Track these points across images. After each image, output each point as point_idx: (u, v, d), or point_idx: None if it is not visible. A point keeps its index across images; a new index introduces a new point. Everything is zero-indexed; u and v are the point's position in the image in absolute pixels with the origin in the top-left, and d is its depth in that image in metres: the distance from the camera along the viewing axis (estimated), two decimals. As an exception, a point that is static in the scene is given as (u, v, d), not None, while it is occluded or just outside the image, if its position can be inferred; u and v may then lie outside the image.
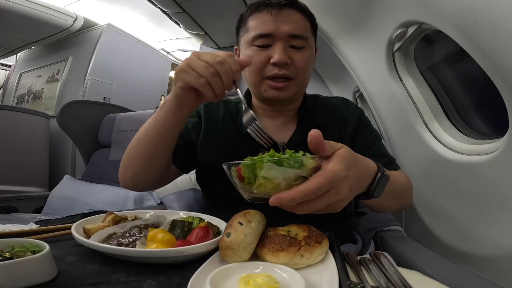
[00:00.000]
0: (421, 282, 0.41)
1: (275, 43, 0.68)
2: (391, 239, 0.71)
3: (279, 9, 0.67)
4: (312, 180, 0.37)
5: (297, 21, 0.69)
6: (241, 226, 0.42)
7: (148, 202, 1.45)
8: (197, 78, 0.51)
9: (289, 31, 0.67)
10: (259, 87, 0.72)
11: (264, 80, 0.70)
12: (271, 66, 0.68)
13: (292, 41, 0.68)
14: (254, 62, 0.69)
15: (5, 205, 1.52)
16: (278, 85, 0.69)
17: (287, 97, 0.71)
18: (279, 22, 0.67)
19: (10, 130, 2.04)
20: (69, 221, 0.64)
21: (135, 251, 0.41)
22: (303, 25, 0.70)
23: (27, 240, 0.39)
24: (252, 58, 0.69)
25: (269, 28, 0.67)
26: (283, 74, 0.68)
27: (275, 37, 0.68)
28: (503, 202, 0.66)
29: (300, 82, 0.72)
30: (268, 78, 0.69)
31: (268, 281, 0.33)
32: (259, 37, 0.68)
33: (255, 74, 0.71)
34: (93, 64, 2.65)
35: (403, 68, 0.95)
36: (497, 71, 0.55)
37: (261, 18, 0.69)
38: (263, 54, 0.68)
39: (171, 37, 3.37)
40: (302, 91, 0.77)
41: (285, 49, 0.68)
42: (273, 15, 0.67)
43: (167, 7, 1.96)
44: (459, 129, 0.86)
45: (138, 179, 0.68)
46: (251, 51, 0.70)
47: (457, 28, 0.59)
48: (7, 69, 3.57)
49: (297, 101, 0.79)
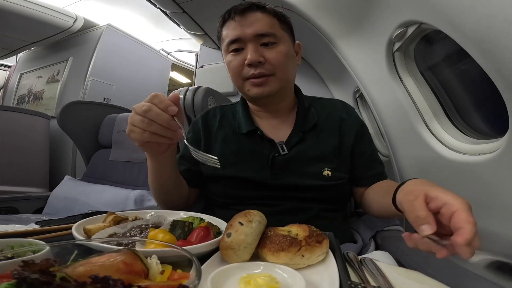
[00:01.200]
0: (422, 282, 0.41)
1: (246, 45, 0.72)
2: (391, 239, 0.71)
3: (242, 14, 0.72)
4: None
5: (261, 20, 0.72)
6: (241, 226, 0.42)
7: (149, 203, 1.45)
8: (141, 134, 0.54)
9: (254, 32, 0.71)
10: (243, 89, 0.76)
11: (245, 81, 0.74)
12: (247, 68, 0.72)
13: (262, 40, 0.71)
14: (232, 66, 0.74)
15: (6, 205, 1.52)
16: (257, 81, 0.72)
17: (270, 92, 0.73)
18: (243, 26, 0.71)
19: (10, 130, 2.05)
20: (70, 221, 0.64)
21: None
22: (269, 23, 0.72)
23: (28, 240, 0.40)
24: (230, 64, 0.74)
25: (236, 33, 0.72)
26: (259, 73, 0.71)
27: (244, 40, 0.72)
28: (504, 201, 0.66)
29: (280, 77, 0.73)
30: (248, 78, 0.73)
31: (268, 281, 0.34)
32: (231, 43, 0.73)
33: (236, 77, 0.75)
34: (94, 65, 2.66)
35: (403, 68, 0.95)
36: (497, 71, 0.55)
37: (229, 26, 0.74)
38: (238, 58, 0.73)
39: (171, 38, 3.37)
40: (287, 86, 0.78)
41: (256, 49, 0.71)
42: (237, 21, 0.72)
43: (167, 7, 1.96)
44: (459, 129, 0.86)
45: (168, 205, 0.76)
46: (229, 57, 0.75)
47: (456, 27, 0.59)
48: (7, 70, 3.57)
49: (287, 98, 0.80)
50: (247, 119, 0.79)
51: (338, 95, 2.06)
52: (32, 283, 0.21)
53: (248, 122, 0.78)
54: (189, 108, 1.41)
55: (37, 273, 0.22)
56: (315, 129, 0.77)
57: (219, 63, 2.62)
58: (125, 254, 0.28)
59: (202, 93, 1.41)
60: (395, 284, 0.39)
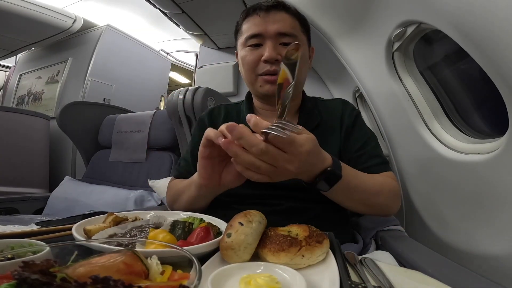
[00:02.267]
0: (422, 281, 0.41)
1: (265, 42, 0.72)
2: (392, 239, 0.71)
3: (267, 11, 0.73)
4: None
5: (285, 20, 0.73)
6: (241, 226, 0.42)
7: (149, 203, 1.45)
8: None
9: (277, 30, 0.71)
10: (255, 84, 0.76)
11: (258, 77, 0.75)
12: (263, 64, 0.72)
13: (282, 39, 0.72)
14: (247, 61, 0.75)
15: (6, 206, 1.52)
16: (271, 78, 0.73)
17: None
18: (267, 22, 0.72)
19: (10, 131, 2.04)
20: (70, 222, 0.64)
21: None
22: (291, 23, 0.73)
23: (28, 241, 0.40)
24: (245, 58, 0.75)
25: (258, 28, 0.72)
26: (274, 70, 0.72)
27: (265, 36, 0.72)
28: (504, 201, 0.66)
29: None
30: (261, 74, 0.74)
31: (269, 281, 0.33)
32: (250, 38, 0.74)
33: (249, 72, 0.75)
34: (93, 65, 2.65)
35: (403, 67, 0.95)
36: (496, 70, 0.55)
37: (252, 21, 0.74)
38: (255, 53, 0.73)
39: (170, 38, 3.37)
40: (298, 86, 0.79)
41: (275, 47, 0.72)
42: (262, 17, 0.73)
43: (166, 8, 1.96)
44: (459, 128, 0.86)
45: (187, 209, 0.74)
46: (245, 51, 0.75)
47: (456, 27, 0.59)
48: (7, 71, 3.57)
49: (295, 99, 0.81)
50: None
51: (337, 95, 2.06)
52: (33, 283, 0.21)
53: None
54: (189, 109, 1.41)
55: (38, 273, 0.22)
56: (318, 129, 0.77)
57: (219, 64, 2.62)
58: (125, 254, 0.28)
59: (202, 93, 1.41)
60: (396, 284, 0.39)
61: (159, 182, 1.32)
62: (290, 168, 0.47)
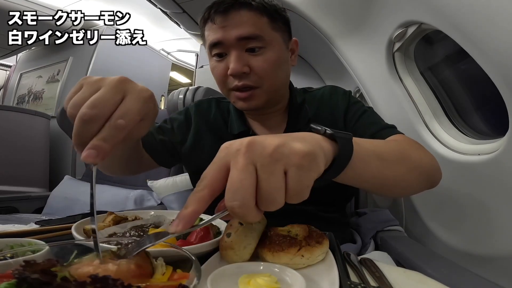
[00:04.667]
0: (422, 282, 0.41)
1: (229, 51, 0.62)
2: (391, 239, 0.71)
3: (225, 13, 0.61)
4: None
5: (247, 20, 0.61)
6: (241, 226, 0.42)
7: (148, 203, 1.45)
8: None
9: (238, 35, 0.60)
10: (229, 99, 0.69)
11: (230, 92, 0.66)
12: (231, 78, 0.63)
13: (247, 44, 0.61)
14: (216, 74, 0.66)
15: (6, 205, 1.52)
16: (242, 95, 0.64)
17: (257, 105, 0.65)
18: (225, 27, 0.61)
19: (10, 130, 2.05)
20: (69, 221, 0.64)
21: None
22: (256, 22, 0.61)
23: (27, 240, 0.40)
24: (214, 70, 0.66)
25: (217, 36, 0.61)
26: (243, 85, 0.62)
27: (226, 44, 0.61)
28: (504, 201, 0.66)
29: (268, 88, 0.64)
30: (232, 89, 0.64)
31: (268, 281, 0.33)
32: (212, 47, 0.64)
33: (221, 87, 0.67)
34: (94, 65, 2.66)
35: (403, 68, 0.95)
36: (497, 71, 0.55)
37: (210, 26, 0.63)
38: (221, 65, 0.64)
39: (171, 38, 3.37)
40: (277, 94, 0.70)
41: (239, 57, 0.61)
42: (218, 22, 0.61)
43: (167, 7, 1.96)
44: (459, 129, 0.86)
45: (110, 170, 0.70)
46: (212, 62, 0.66)
47: (456, 28, 0.59)
48: (7, 70, 3.57)
49: (279, 102, 0.73)
50: (238, 119, 0.74)
51: (338, 95, 2.06)
52: (33, 283, 0.21)
53: (239, 122, 0.73)
54: (189, 108, 1.41)
55: (38, 273, 0.22)
56: (309, 125, 0.75)
57: (219, 63, 2.62)
58: (137, 255, 0.28)
59: (202, 93, 1.41)
60: (395, 284, 0.39)
61: (158, 182, 1.33)
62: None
